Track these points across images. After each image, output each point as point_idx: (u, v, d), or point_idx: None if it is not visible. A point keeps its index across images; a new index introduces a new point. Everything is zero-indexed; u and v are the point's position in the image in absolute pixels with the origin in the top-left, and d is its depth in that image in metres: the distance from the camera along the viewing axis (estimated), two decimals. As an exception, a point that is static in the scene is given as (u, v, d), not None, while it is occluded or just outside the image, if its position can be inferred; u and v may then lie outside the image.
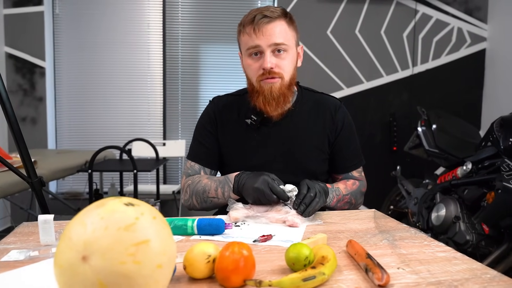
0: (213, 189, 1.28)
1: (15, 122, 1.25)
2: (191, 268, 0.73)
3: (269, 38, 1.24)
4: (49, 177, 2.46)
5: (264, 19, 1.24)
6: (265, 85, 1.28)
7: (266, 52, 1.25)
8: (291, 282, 0.69)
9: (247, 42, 1.28)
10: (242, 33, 1.29)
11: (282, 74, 1.28)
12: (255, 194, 1.14)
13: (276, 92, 1.27)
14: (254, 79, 1.30)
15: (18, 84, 3.66)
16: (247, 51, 1.29)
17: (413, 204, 2.60)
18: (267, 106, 1.28)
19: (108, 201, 0.60)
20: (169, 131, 3.94)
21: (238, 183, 1.21)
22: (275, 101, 1.28)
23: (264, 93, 1.28)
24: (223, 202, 1.28)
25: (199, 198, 1.32)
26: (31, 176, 1.27)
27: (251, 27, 1.25)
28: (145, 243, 0.57)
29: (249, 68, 1.30)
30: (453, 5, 3.85)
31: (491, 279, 0.73)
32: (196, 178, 1.36)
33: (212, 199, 1.29)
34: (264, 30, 1.24)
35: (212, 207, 1.33)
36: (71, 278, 0.55)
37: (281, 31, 1.26)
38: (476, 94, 3.92)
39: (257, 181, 1.15)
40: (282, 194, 1.14)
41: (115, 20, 3.83)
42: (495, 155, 2.10)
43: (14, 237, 0.99)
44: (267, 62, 1.24)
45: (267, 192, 1.13)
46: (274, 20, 1.25)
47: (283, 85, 1.28)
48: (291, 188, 1.15)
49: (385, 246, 0.92)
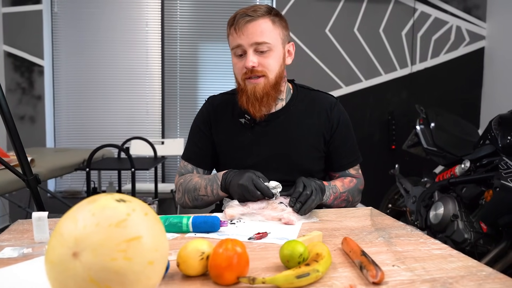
0: (203, 187, 1.29)
1: (10, 120, 1.24)
2: (185, 265, 0.72)
3: (250, 37, 1.24)
4: (47, 175, 2.45)
5: (245, 18, 1.24)
6: (249, 85, 1.28)
7: (248, 51, 1.25)
8: (284, 279, 0.68)
9: (231, 41, 1.29)
10: (228, 34, 1.31)
11: (266, 72, 1.27)
12: (239, 190, 1.15)
13: (259, 92, 1.27)
14: (239, 78, 1.31)
15: (16, 82, 3.66)
16: (232, 51, 1.30)
17: (411, 202, 2.60)
18: (250, 107, 1.29)
19: (100, 197, 0.60)
20: (167, 130, 3.93)
21: (226, 181, 1.22)
22: (258, 101, 1.28)
23: (247, 93, 1.28)
24: (212, 200, 1.30)
25: (191, 196, 1.33)
26: (26, 174, 1.26)
27: (233, 26, 1.26)
28: (136, 240, 0.57)
29: (235, 67, 1.32)
30: (451, 4, 3.84)
31: (486, 277, 0.73)
32: (187, 176, 1.37)
33: (203, 197, 1.30)
34: (245, 29, 1.24)
35: (203, 205, 1.34)
36: (62, 274, 0.55)
37: (264, 29, 1.25)
38: (475, 93, 3.92)
39: (242, 178, 1.15)
40: (266, 190, 1.14)
41: (113, 19, 3.82)
42: (493, 153, 2.10)
43: (8, 234, 0.99)
44: (249, 61, 1.24)
45: (250, 188, 1.13)
46: (256, 19, 1.24)
47: (267, 84, 1.28)
48: (275, 184, 1.16)
49: (380, 244, 0.92)
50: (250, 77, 1.27)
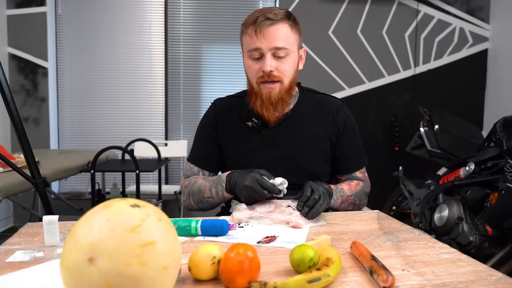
0: (207, 189, 1.30)
1: (19, 123, 1.25)
2: (196, 269, 0.73)
3: (271, 41, 1.23)
4: (51, 177, 2.46)
5: (266, 22, 1.23)
6: (264, 89, 1.27)
7: (267, 55, 1.24)
8: (296, 284, 0.69)
9: (248, 43, 1.27)
10: (244, 34, 1.28)
11: (282, 78, 1.27)
12: (246, 192, 1.15)
13: (274, 97, 1.27)
14: (253, 81, 1.29)
15: (20, 84, 3.67)
16: (247, 53, 1.28)
17: (415, 204, 2.60)
18: (265, 111, 1.28)
19: (114, 203, 0.61)
20: (171, 132, 3.94)
21: (230, 182, 1.22)
22: (273, 106, 1.28)
23: (262, 97, 1.28)
24: (218, 202, 1.30)
25: (196, 198, 1.33)
26: (35, 177, 1.27)
27: (253, 28, 1.24)
28: (151, 245, 0.57)
29: (249, 70, 1.30)
30: (455, 5, 3.84)
31: (496, 281, 0.73)
32: (192, 179, 1.37)
33: (208, 199, 1.31)
34: (266, 33, 1.23)
35: (208, 207, 1.34)
36: (78, 279, 0.56)
37: (283, 34, 1.24)
38: (479, 95, 3.91)
39: (247, 178, 1.15)
40: (272, 188, 1.14)
41: (117, 21, 3.83)
42: (498, 155, 2.10)
43: (18, 237, 0.99)
44: (267, 65, 1.23)
45: (257, 189, 1.13)
46: (276, 22, 1.23)
47: (282, 89, 1.28)
48: (281, 181, 1.16)
49: (389, 248, 0.92)
50: (266, 81, 1.26)
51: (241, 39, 1.32)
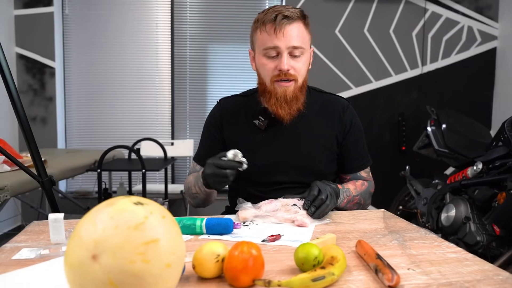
0: (193, 185, 1.33)
1: (25, 122, 1.26)
2: (200, 267, 0.73)
3: (289, 40, 1.23)
4: (58, 176, 2.48)
5: (285, 20, 1.22)
6: (279, 88, 1.27)
7: (284, 53, 1.23)
8: (300, 282, 0.68)
9: (264, 41, 1.25)
10: (260, 31, 1.26)
11: (297, 77, 1.27)
12: (211, 180, 1.16)
13: (289, 95, 1.27)
14: (267, 79, 1.29)
15: (28, 84, 3.70)
16: (263, 51, 1.27)
17: (422, 204, 2.58)
18: (279, 109, 1.28)
19: (118, 200, 0.61)
20: (177, 131, 3.95)
21: (204, 177, 1.23)
22: (288, 104, 1.28)
23: (277, 95, 1.27)
24: (203, 197, 1.34)
25: (189, 195, 1.38)
26: (41, 175, 1.28)
27: (272, 26, 1.23)
28: (154, 242, 0.57)
29: (264, 68, 1.29)
30: (463, 4, 3.81)
31: (503, 281, 0.72)
32: (189, 177, 1.40)
33: (196, 195, 1.34)
34: (285, 32, 1.22)
35: (199, 203, 1.37)
36: (82, 276, 0.56)
37: (299, 33, 1.25)
38: (487, 94, 3.88)
39: (206, 169, 1.17)
40: (229, 164, 1.13)
41: (123, 21, 3.85)
42: (506, 155, 2.08)
43: (25, 235, 1.00)
44: (284, 64, 1.23)
45: (217, 172, 1.13)
46: (294, 21, 1.24)
47: (296, 88, 1.28)
48: (232, 152, 1.14)
49: (395, 247, 0.91)
50: (281, 79, 1.26)
51: (254, 37, 1.31)
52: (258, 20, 1.28)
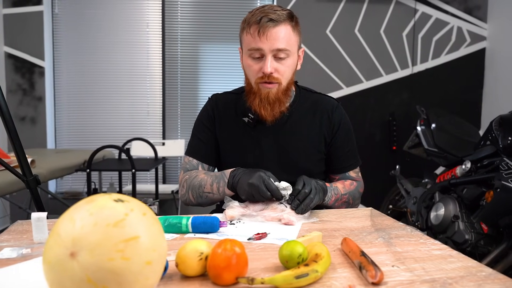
0: (208, 184, 1.28)
1: (10, 121, 1.24)
2: (183, 265, 0.72)
3: (273, 43, 1.22)
4: (47, 176, 2.46)
5: (270, 23, 1.21)
6: (263, 89, 1.27)
7: (268, 56, 1.23)
8: (283, 279, 0.68)
9: (249, 42, 1.25)
10: (246, 32, 1.26)
11: (281, 79, 1.27)
12: (249, 189, 1.13)
13: (272, 97, 1.27)
14: (252, 80, 1.29)
15: (17, 83, 3.66)
16: (248, 51, 1.27)
17: (412, 203, 2.59)
18: (262, 110, 1.28)
19: (98, 197, 0.60)
20: (168, 131, 3.93)
21: (233, 179, 1.21)
22: (270, 106, 1.28)
23: (261, 96, 1.28)
24: (218, 198, 1.28)
25: (195, 193, 1.32)
26: (26, 174, 1.26)
27: (256, 28, 1.22)
28: (134, 240, 0.56)
29: (249, 69, 1.29)
30: (452, 4, 3.84)
31: (486, 277, 0.73)
32: (193, 173, 1.36)
33: (208, 194, 1.29)
34: (269, 34, 1.21)
35: (207, 202, 1.32)
36: (60, 274, 0.55)
37: (285, 35, 1.24)
38: (476, 93, 3.91)
39: (253, 176, 1.14)
40: (276, 192, 1.13)
41: (114, 20, 3.82)
42: (494, 154, 2.09)
43: (8, 235, 0.99)
44: (267, 67, 1.23)
45: (261, 189, 1.11)
46: (279, 24, 1.22)
47: (280, 90, 1.28)
48: (285, 185, 1.14)
49: (380, 244, 0.92)
50: (265, 82, 1.26)
51: (241, 36, 1.31)
52: (245, 21, 1.28)
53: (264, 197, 1.12)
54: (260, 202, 1.17)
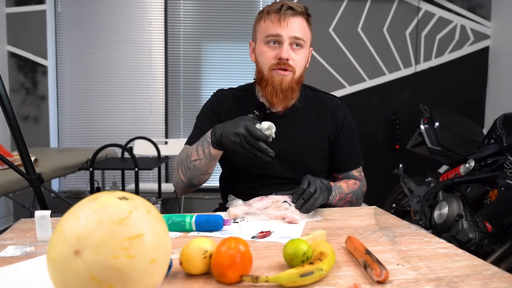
0: (194, 151, 1.26)
1: (13, 119, 1.24)
2: (188, 263, 0.72)
3: (291, 30, 1.26)
4: (50, 175, 2.46)
5: (290, 11, 1.27)
6: (277, 76, 1.27)
7: (285, 42, 1.26)
8: (288, 277, 0.68)
9: (267, 29, 1.28)
10: (264, 20, 1.29)
11: (295, 68, 1.28)
12: (237, 139, 1.10)
13: (286, 84, 1.28)
14: (266, 67, 1.29)
15: (20, 82, 3.67)
16: (265, 38, 1.29)
17: (415, 202, 2.59)
18: (274, 97, 1.28)
19: (102, 195, 0.60)
20: (171, 130, 3.93)
21: (216, 134, 1.18)
22: (283, 93, 1.28)
23: (273, 83, 1.28)
24: (205, 163, 1.25)
25: (183, 167, 1.29)
26: (29, 173, 1.26)
27: (277, 15, 1.27)
28: (138, 237, 0.56)
29: (263, 56, 1.30)
30: (456, 3, 3.82)
31: (492, 275, 0.72)
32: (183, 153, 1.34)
33: (195, 163, 1.25)
34: (289, 22, 1.26)
35: (197, 173, 1.28)
36: (64, 272, 0.55)
37: (302, 27, 1.29)
38: (480, 92, 3.90)
39: (237, 126, 1.11)
40: (262, 136, 1.11)
41: (117, 19, 3.82)
42: (498, 152, 2.08)
43: (11, 233, 0.99)
44: (284, 52, 1.25)
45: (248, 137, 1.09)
46: (298, 14, 1.28)
47: (293, 79, 1.29)
48: (268, 125, 1.12)
49: (385, 243, 0.91)
50: (280, 68, 1.27)
51: (257, 26, 1.33)
52: (263, 11, 1.32)
53: (252, 145, 1.10)
54: (264, 200, 1.16)
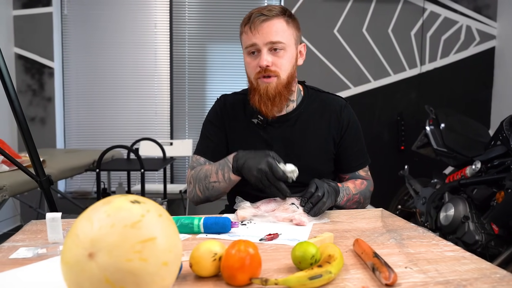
0: (213, 173, 1.27)
1: (23, 121, 1.26)
2: (197, 266, 0.73)
3: (265, 36, 1.24)
4: (57, 176, 2.48)
5: (260, 17, 1.25)
6: (262, 84, 1.28)
7: (263, 50, 1.25)
8: (297, 280, 0.68)
9: (245, 40, 1.29)
10: (242, 33, 1.31)
11: (279, 72, 1.27)
12: (259, 175, 1.13)
13: (271, 91, 1.27)
14: (252, 77, 1.31)
15: (27, 84, 3.70)
16: (245, 50, 1.30)
17: (421, 203, 2.58)
18: (262, 106, 1.28)
19: (115, 199, 0.61)
20: (176, 131, 3.95)
21: (238, 162, 1.19)
22: (271, 101, 1.28)
23: (260, 92, 1.28)
24: (224, 186, 1.26)
25: (201, 185, 1.30)
26: (39, 175, 1.28)
27: (248, 25, 1.27)
28: (151, 241, 0.57)
29: (248, 66, 1.31)
30: (461, 3, 3.81)
31: (500, 279, 0.72)
32: (198, 167, 1.35)
33: (214, 184, 1.27)
34: (260, 29, 1.25)
35: (215, 194, 1.30)
36: (78, 275, 0.56)
37: (278, 29, 1.26)
38: (486, 93, 3.88)
39: (261, 162, 1.13)
40: (284, 178, 1.13)
41: (122, 21, 3.85)
42: (504, 154, 2.08)
43: (22, 234, 1.00)
44: (263, 60, 1.25)
45: (270, 175, 1.12)
46: (271, 18, 1.25)
47: (279, 84, 1.28)
48: (292, 168, 1.14)
49: (392, 245, 0.91)
50: (263, 76, 1.27)
51: (240, 38, 1.34)
52: (241, 24, 1.32)
53: (273, 183, 1.13)
54: (271, 202, 1.17)
